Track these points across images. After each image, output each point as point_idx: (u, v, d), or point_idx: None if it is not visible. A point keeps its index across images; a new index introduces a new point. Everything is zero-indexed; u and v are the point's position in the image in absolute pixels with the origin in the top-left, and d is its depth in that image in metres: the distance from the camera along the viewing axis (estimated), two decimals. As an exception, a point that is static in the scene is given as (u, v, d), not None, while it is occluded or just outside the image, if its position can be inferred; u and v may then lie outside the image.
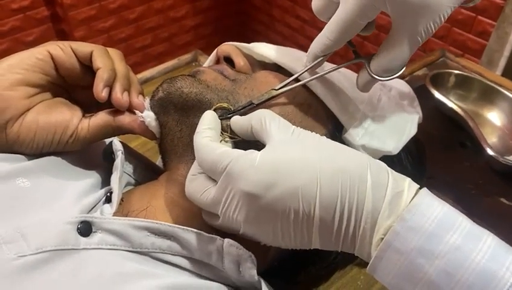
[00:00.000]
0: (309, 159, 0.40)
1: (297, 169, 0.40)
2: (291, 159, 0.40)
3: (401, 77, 0.96)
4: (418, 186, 0.41)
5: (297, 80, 0.53)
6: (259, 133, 0.44)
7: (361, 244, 0.40)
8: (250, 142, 0.47)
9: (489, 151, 0.77)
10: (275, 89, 0.52)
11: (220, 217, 0.43)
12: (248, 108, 0.50)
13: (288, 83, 0.53)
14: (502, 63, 1.18)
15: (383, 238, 0.39)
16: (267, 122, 0.44)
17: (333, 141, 0.44)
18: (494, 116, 0.90)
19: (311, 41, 0.53)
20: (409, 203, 0.39)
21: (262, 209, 0.40)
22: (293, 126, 0.44)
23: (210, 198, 0.43)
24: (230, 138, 0.49)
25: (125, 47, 1.73)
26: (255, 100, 0.51)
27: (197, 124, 0.49)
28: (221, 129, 0.49)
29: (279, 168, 0.40)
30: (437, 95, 0.86)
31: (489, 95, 0.91)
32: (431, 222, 0.37)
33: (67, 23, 1.57)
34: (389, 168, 0.42)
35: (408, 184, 0.41)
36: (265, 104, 0.51)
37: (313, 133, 0.44)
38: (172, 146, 0.53)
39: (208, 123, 0.47)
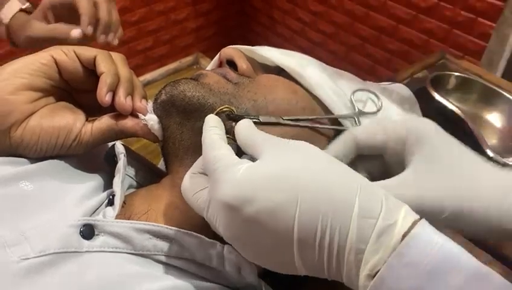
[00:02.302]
0: (291, 177, 0.38)
1: (276, 187, 0.37)
2: (273, 175, 0.38)
3: (402, 79, 0.97)
4: (417, 217, 0.37)
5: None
6: (250, 148, 0.44)
7: (348, 276, 0.37)
8: None
9: (489, 153, 0.78)
10: (282, 118, 0.52)
11: None
12: (253, 120, 0.50)
13: (298, 120, 0.53)
14: (502, 64, 1.18)
15: (370, 274, 0.35)
16: (259, 136, 0.43)
17: (327, 158, 0.40)
18: (494, 117, 0.90)
19: (312, 43, 0.54)
20: (404, 235, 0.35)
21: (241, 223, 0.38)
22: (287, 140, 0.43)
23: (201, 200, 0.42)
24: (233, 140, 0.49)
25: (126, 49, 1.73)
26: (261, 118, 0.51)
27: (198, 127, 0.50)
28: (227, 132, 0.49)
29: (259, 183, 0.38)
30: (437, 97, 0.87)
31: (489, 97, 0.91)
32: (431, 258, 0.33)
33: (69, 25, 1.57)
34: (386, 194, 0.38)
35: (403, 214, 0.36)
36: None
37: (308, 146, 0.41)
38: (173, 149, 0.54)
39: (215, 124, 0.46)
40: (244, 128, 0.45)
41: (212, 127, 0.45)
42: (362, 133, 0.47)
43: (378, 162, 0.48)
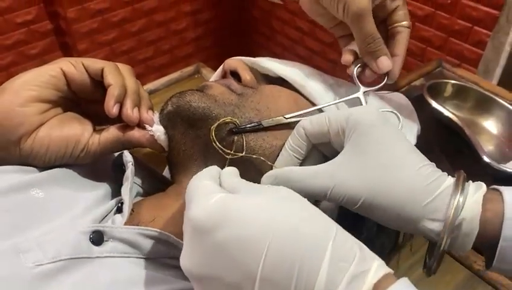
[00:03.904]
0: (265, 212, 0.37)
1: (249, 218, 0.36)
2: (247, 207, 0.37)
3: (399, 87, 0.99)
4: (389, 271, 0.36)
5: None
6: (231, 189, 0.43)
7: None
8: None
9: (486, 159, 0.78)
10: (285, 117, 0.53)
11: None
12: (256, 128, 0.52)
13: (300, 114, 0.54)
14: (498, 72, 1.19)
15: None
16: (240, 180, 0.44)
17: (306, 204, 0.39)
18: (490, 124, 0.91)
19: (311, 52, 0.56)
20: (376, 285, 0.34)
21: (206, 249, 0.37)
22: (267, 186, 0.43)
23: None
24: (233, 155, 0.50)
25: (127, 59, 1.74)
26: (264, 122, 0.52)
27: (199, 136, 0.51)
28: (225, 146, 0.50)
29: (232, 212, 0.37)
30: (434, 104, 0.88)
31: (485, 104, 0.92)
32: None
33: (71, 36, 1.58)
34: (360, 244, 0.37)
35: (377, 265, 0.36)
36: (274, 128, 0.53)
37: (288, 191, 0.41)
38: (178, 159, 0.55)
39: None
40: (227, 174, 0.45)
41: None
42: (308, 124, 0.48)
43: (331, 147, 0.49)
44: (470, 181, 0.45)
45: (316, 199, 0.45)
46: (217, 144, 0.50)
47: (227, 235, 0.36)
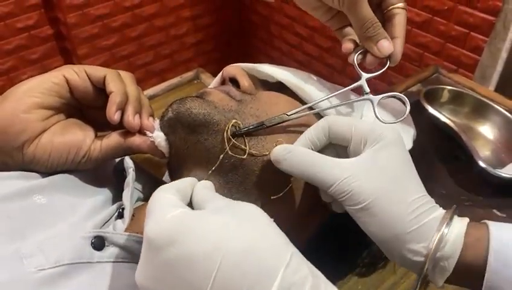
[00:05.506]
0: (220, 232, 0.37)
1: (202, 237, 0.36)
2: (203, 226, 0.37)
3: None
4: None
5: (310, 108, 0.56)
6: (199, 205, 0.44)
7: None
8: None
9: (481, 164, 0.79)
10: (287, 114, 0.53)
11: None
12: (259, 128, 0.52)
13: (301, 110, 0.55)
14: (495, 78, 1.20)
15: None
16: (210, 195, 0.45)
17: (267, 225, 0.39)
18: (487, 130, 0.92)
19: (310, 57, 0.56)
20: None
21: (158, 265, 0.37)
22: (235, 201, 0.43)
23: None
24: (241, 150, 0.51)
25: (127, 64, 1.75)
26: (266, 122, 0.52)
27: (201, 142, 0.52)
28: (230, 148, 0.51)
29: (186, 229, 0.37)
30: (431, 110, 0.88)
31: (481, 110, 0.93)
32: None
33: (71, 41, 1.59)
34: (314, 272, 0.37)
35: None
36: (276, 127, 0.53)
37: (252, 209, 0.41)
38: (178, 164, 0.56)
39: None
40: (200, 187, 0.46)
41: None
42: (334, 123, 0.49)
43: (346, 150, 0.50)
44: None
45: (320, 186, 0.46)
46: (231, 152, 0.51)
47: (179, 253, 0.36)
